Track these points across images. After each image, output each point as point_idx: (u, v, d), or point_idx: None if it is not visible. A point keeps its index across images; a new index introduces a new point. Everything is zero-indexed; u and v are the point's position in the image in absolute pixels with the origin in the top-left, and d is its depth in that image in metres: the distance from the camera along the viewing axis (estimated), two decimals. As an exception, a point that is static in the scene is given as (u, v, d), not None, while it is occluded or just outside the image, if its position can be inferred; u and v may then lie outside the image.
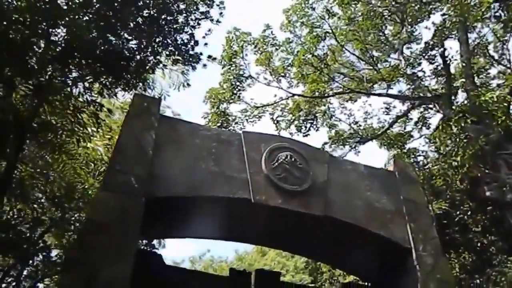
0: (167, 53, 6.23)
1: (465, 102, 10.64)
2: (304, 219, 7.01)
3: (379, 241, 7.27)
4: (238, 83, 12.81)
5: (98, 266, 5.05)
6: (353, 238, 7.43)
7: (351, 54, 13.97)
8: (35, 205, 7.61)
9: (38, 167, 7.13)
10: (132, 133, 6.49)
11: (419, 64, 12.93)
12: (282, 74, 13.39)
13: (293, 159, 7.29)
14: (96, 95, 5.78)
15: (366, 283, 8.98)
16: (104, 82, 5.71)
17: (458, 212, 11.21)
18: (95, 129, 7.10)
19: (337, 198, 7.27)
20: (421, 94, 11.85)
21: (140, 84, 6.29)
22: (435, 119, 13.92)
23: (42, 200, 7.68)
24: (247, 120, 13.16)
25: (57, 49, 5.00)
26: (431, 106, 12.53)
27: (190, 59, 6.57)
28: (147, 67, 6.12)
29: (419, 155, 13.86)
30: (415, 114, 14.27)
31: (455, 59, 11.54)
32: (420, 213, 7.67)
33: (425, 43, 12.33)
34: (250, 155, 7.08)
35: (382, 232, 7.21)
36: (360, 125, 14.48)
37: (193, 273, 7.21)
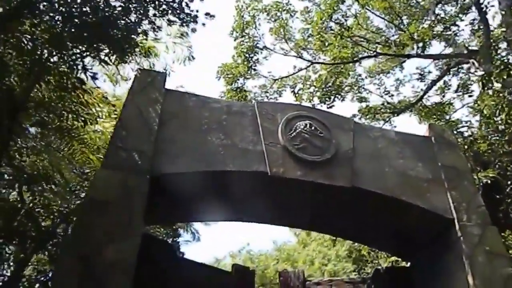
0: (159, 12, 5.71)
1: (507, 54, 9.43)
2: (328, 192, 6.35)
3: (416, 212, 6.49)
4: (253, 55, 12.07)
5: (99, 247, 4.67)
6: (386, 211, 6.68)
7: (377, 16, 12.85)
8: (52, 195, 7.40)
9: (49, 156, 6.94)
10: (135, 108, 6.09)
11: (453, 21, 11.66)
12: (303, 47, 12.58)
13: (313, 128, 6.64)
14: (78, 57, 5.38)
15: (406, 264, 8.19)
16: (88, 46, 5.32)
17: (510, 182, 10.03)
18: (99, 108, 6.80)
19: (365, 167, 6.55)
20: (457, 52, 10.69)
21: (134, 51, 5.86)
22: (477, 87, 12.68)
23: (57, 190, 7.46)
24: (267, 96, 12.40)
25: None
26: (469, 65, 11.29)
27: (186, 18, 6.02)
28: (138, 29, 5.65)
29: (462, 126, 12.66)
30: (454, 82, 13.02)
31: (492, 5, 10.26)
32: (461, 180, 6.79)
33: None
34: (265, 126, 6.51)
35: (419, 203, 6.43)
36: (392, 95, 13.40)
37: (201, 266, 6.96)
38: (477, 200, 6.60)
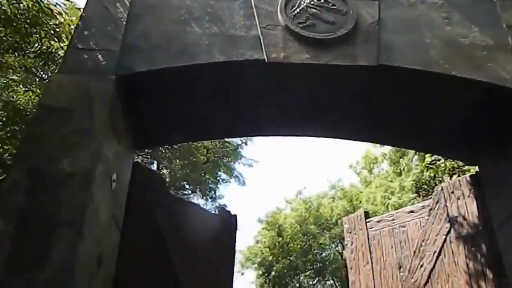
0: None
1: None
2: (349, 78, 4.95)
3: (474, 90, 4.88)
4: None
5: (53, 157, 3.84)
6: (434, 96, 5.15)
7: None
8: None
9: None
10: (99, 5, 5.06)
11: None
12: None
13: (322, 0, 5.18)
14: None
15: (473, 170, 6.56)
16: None
17: None
18: (68, 18, 5.88)
19: (397, 41, 5.00)
20: None
21: None
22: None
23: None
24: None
25: None
26: None
27: None
28: None
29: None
30: None
31: None
32: (538, 40, 4.99)
33: None
34: (260, 8, 5.16)
35: (476, 76, 4.79)
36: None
37: (187, 203, 7.02)
38: (562, 63, 4.79)
